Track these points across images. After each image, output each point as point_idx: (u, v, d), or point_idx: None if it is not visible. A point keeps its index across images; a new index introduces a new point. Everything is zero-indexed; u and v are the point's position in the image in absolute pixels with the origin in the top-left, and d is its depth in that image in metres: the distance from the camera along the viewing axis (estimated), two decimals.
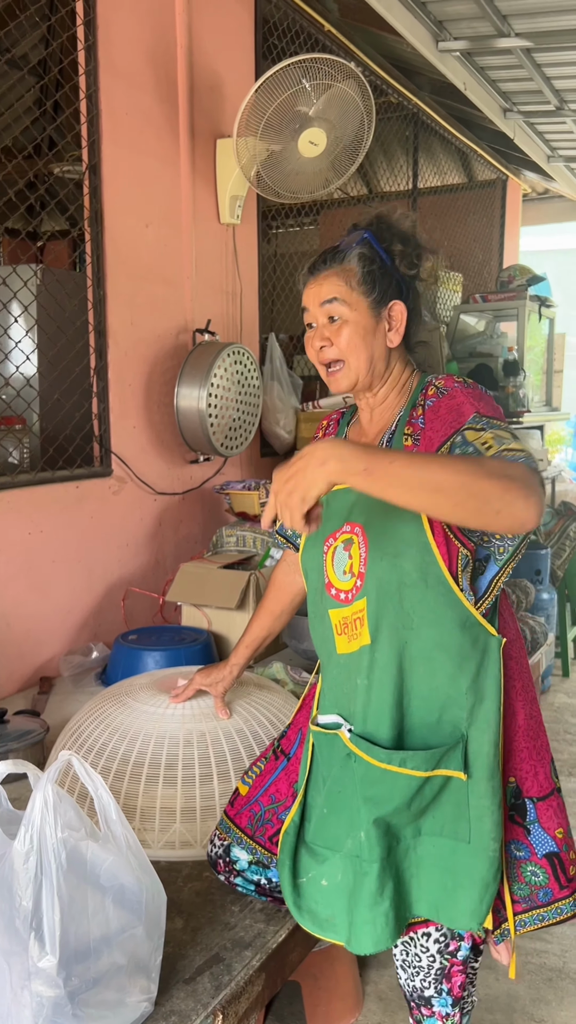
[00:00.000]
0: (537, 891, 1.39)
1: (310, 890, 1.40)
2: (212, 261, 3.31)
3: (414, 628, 1.34)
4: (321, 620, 1.45)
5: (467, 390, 1.37)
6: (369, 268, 1.41)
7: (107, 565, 2.88)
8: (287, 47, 3.66)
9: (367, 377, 1.44)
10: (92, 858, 1.14)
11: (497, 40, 3.82)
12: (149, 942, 1.20)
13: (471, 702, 1.34)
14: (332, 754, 1.41)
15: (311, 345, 1.46)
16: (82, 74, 2.67)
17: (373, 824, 1.32)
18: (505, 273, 5.53)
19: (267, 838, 1.52)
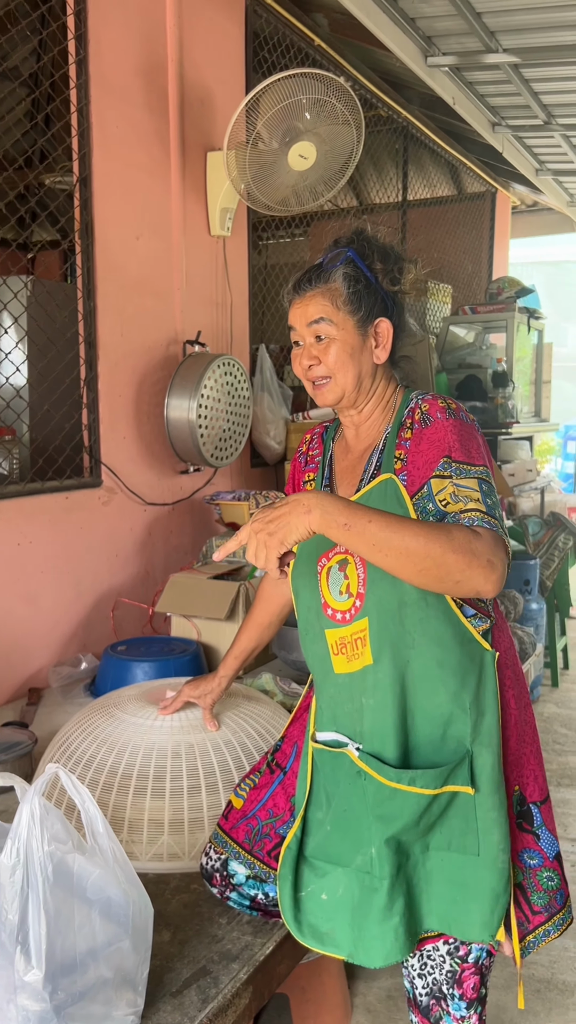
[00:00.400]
0: (554, 895, 1.42)
1: (310, 904, 1.41)
2: (202, 273, 3.33)
3: (416, 647, 1.35)
4: (316, 640, 1.45)
5: (448, 422, 1.36)
6: (355, 288, 1.43)
7: (96, 576, 2.88)
8: (277, 61, 3.69)
9: (354, 393, 1.45)
10: (79, 871, 1.14)
11: (485, 56, 3.86)
12: (136, 955, 1.20)
13: (474, 717, 1.36)
14: (337, 772, 1.41)
15: (298, 363, 1.47)
16: (73, 88, 2.69)
17: (385, 842, 1.33)
18: (494, 285, 5.56)
19: (265, 852, 1.52)
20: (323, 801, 1.45)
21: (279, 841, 1.52)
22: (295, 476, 1.63)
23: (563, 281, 14.16)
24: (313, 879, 1.42)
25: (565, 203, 6.78)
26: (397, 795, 1.33)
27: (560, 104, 4.57)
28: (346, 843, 1.39)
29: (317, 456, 1.58)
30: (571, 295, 14.57)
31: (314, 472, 1.57)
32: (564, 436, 10.89)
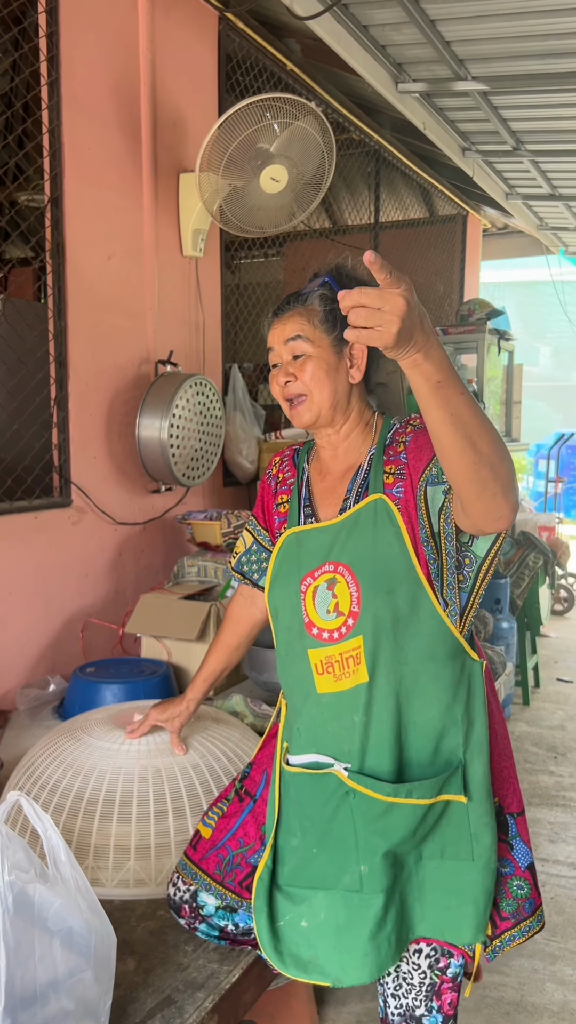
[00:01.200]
0: (523, 903, 1.46)
1: (289, 933, 1.41)
2: (175, 293, 3.34)
3: (409, 663, 1.38)
4: (296, 659, 1.45)
5: None
6: (331, 307, 1.46)
7: (66, 596, 2.86)
8: (250, 84, 3.72)
9: (330, 412, 1.47)
10: (40, 901, 1.12)
11: (455, 83, 3.93)
12: (98, 986, 1.18)
13: (465, 727, 1.40)
14: (318, 794, 1.41)
15: (276, 382, 1.49)
16: (45, 109, 2.69)
17: (383, 857, 1.35)
18: (465, 307, 5.63)
19: (237, 883, 1.51)
20: (295, 827, 1.44)
21: (250, 871, 1.50)
22: (265, 500, 1.63)
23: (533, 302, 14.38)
24: (290, 907, 1.42)
25: (535, 226, 6.89)
26: (393, 809, 1.35)
27: (528, 131, 4.65)
28: (331, 865, 1.39)
29: (290, 479, 1.59)
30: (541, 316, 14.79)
31: (288, 495, 1.57)
32: (535, 455, 11.01)
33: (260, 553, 1.66)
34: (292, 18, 3.20)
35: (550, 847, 3.24)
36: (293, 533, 1.48)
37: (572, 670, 5.54)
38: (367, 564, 1.38)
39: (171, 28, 3.19)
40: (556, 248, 7.78)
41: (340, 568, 1.40)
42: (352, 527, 1.41)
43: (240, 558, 1.69)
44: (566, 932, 2.71)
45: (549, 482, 8.20)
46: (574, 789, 3.76)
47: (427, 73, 3.95)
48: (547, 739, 4.36)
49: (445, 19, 3.36)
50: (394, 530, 1.38)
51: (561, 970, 2.53)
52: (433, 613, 1.38)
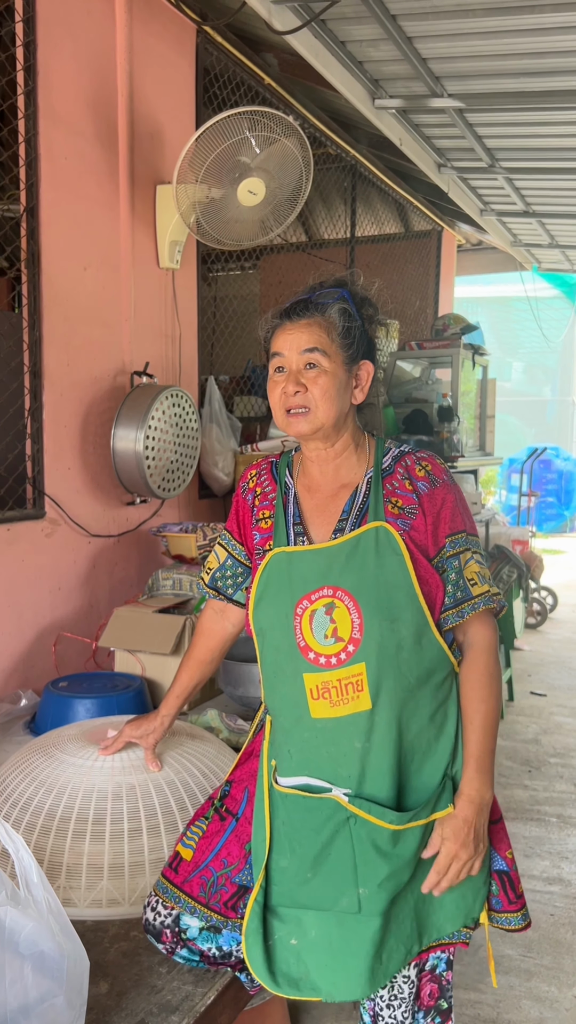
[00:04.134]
0: (490, 899, 1.49)
1: (280, 952, 1.41)
2: (151, 304, 3.32)
3: (410, 688, 1.39)
4: (287, 682, 1.43)
5: (455, 488, 1.47)
6: (349, 324, 1.45)
7: (38, 609, 2.82)
8: (228, 97, 3.73)
9: (329, 429, 1.46)
10: (11, 924, 1.09)
11: (431, 100, 3.96)
12: (70, 1011, 1.16)
13: (454, 742, 1.44)
14: (312, 818, 1.40)
15: (279, 388, 1.45)
16: (21, 118, 2.68)
17: (384, 880, 1.36)
18: (440, 322, 5.67)
19: (222, 904, 1.48)
20: (285, 848, 1.43)
21: (236, 890, 1.48)
22: (242, 514, 1.60)
23: (506, 318, 14.54)
24: (279, 926, 1.42)
25: (508, 243, 6.97)
26: (398, 836, 1.36)
27: (503, 148, 4.70)
28: (327, 888, 1.39)
29: (271, 493, 1.55)
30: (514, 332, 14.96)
31: (271, 510, 1.53)
32: (507, 469, 11.11)
33: (236, 568, 1.64)
34: (270, 33, 3.21)
35: (525, 862, 3.24)
36: (283, 553, 1.46)
37: (546, 683, 5.57)
38: (370, 591, 1.38)
39: (149, 40, 3.19)
40: (529, 264, 7.87)
41: (339, 593, 1.39)
42: (351, 552, 1.40)
43: (214, 574, 1.66)
44: (542, 948, 2.70)
45: (522, 496, 8.27)
46: (548, 803, 3.76)
47: (404, 89, 3.98)
48: (521, 753, 4.37)
49: (422, 37, 3.39)
50: (398, 559, 1.39)
51: (537, 986, 2.53)
52: (434, 641, 1.41)
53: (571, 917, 2.87)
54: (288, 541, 1.47)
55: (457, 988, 2.45)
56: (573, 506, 12.79)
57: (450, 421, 4.79)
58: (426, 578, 1.41)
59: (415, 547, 1.41)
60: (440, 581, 1.43)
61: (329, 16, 3.24)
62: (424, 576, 1.41)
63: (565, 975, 2.57)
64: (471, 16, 3.17)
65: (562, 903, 2.95)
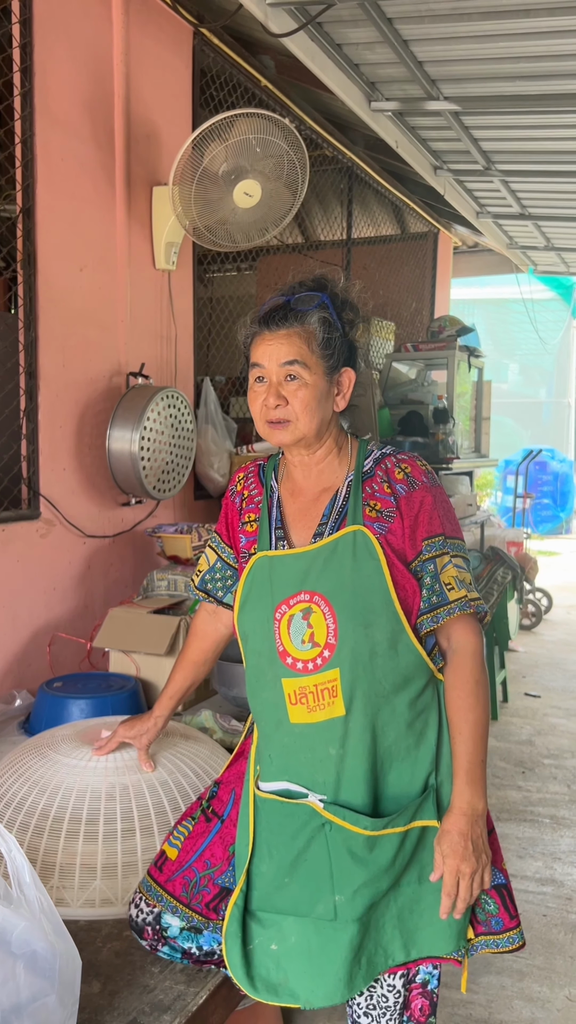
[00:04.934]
0: (490, 919, 1.46)
1: (260, 957, 1.40)
2: (147, 305, 3.33)
3: (385, 695, 1.38)
4: (267, 686, 1.43)
5: (435, 490, 1.43)
6: (329, 335, 1.42)
7: (33, 609, 2.82)
8: (225, 99, 3.74)
9: (311, 438, 1.45)
10: (3, 924, 1.10)
11: (427, 103, 3.97)
12: (62, 1010, 1.16)
13: (436, 752, 1.42)
14: (289, 823, 1.40)
15: (260, 400, 1.44)
16: (17, 119, 2.68)
17: (360, 887, 1.34)
18: (436, 323, 5.68)
19: (204, 904, 1.49)
20: (265, 852, 1.43)
21: (217, 892, 1.49)
22: (230, 517, 1.60)
23: (502, 320, 14.57)
24: (259, 931, 1.41)
25: (504, 245, 6.98)
26: (370, 841, 1.35)
27: (499, 151, 4.71)
28: (303, 894, 1.38)
29: (257, 497, 1.55)
30: (510, 333, 14.98)
31: (255, 514, 1.54)
32: (503, 471, 11.13)
33: (225, 571, 1.63)
34: (267, 35, 3.22)
35: (518, 863, 3.25)
36: (265, 557, 1.45)
37: (540, 685, 5.58)
38: (345, 595, 1.37)
39: (146, 42, 3.20)
40: (525, 267, 7.89)
41: (316, 598, 1.38)
42: (329, 556, 1.40)
43: (204, 576, 1.66)
44: (534, 948, 2.71)
45: (517, 497, 8.29)
46: (542, 804, 3.77)
47: (400, 92, 3.99)
48: (515, 754, 4.38)
49: (418, 40, 3.40)
50: (374, 564, 1.37)
51: (529, 987, 2.53)
52: (411, 647, 1.39)
53: (563, 918, 2.88)
54: (270, 545, 1.47)
55: (449, 988, 2.46)
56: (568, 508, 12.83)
57: (445, 423, 4.80)
58: (403, 583, 1.39)
59: (392, 551, 1.39)
60: (417, 586, 1.41)
61: (325, 19, 3.25)
62: (401, 581, 1.39)
63: (557, 975, 2.58)
64: (467, 20, 3.18)
65: (555, 904, 2.96)
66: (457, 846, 1.36)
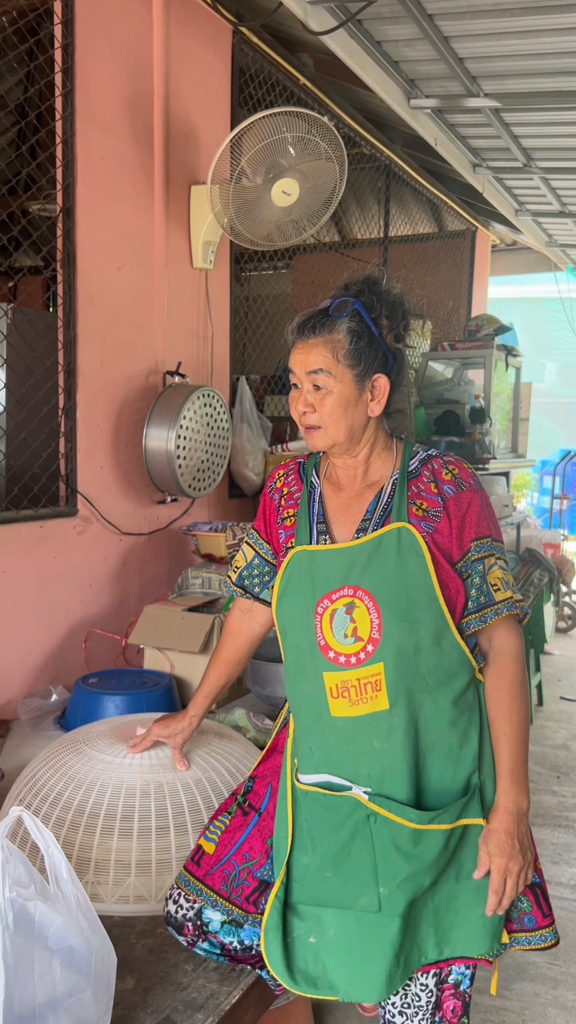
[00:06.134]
0: (523, 916, 1.47)
1: (299, 949, 1.41)
2: (184, 304, 3.34)
3: (429, 691, 1.39)
4: (308, 680, 1.44)
5: (481, 493, 1.46)
6: (356, 344, 1.43)
7: (69, 606, 2.84)
8: (263, 98, 3.74)
9: (345, 443, 1.47)
10: (40, 919, 1.11)
11: (467, 99, 3.94)
12: (97, 1006, 1.17)
13: (478, 750, 1.43)
14: (332, 815, 1.41)
15: (295, 406, 1.48)
16: (58, 119, 2.70)
17: (404, 880, 1.36)
18: (473, 322, 5.63)
19: (244, 898, 1.49)
20: (307, 844, 1.44)
21: (257, 885, 1.49)
22: (268, 513, 1.61)
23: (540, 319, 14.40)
24: (298, 924, 1.42)
25: (543, 243, 6.90)
26: (415, 835, 1.36)
27: (539, 148, 4.66)
28: (347, 886, 1.39)
29: (297, 493, 1.56)
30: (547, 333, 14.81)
31: (295, 509, 1.55)
32: (540, 472, 11.00)
33: (263, 567, 1.65)
34: (306, 33, 3.21)
35: (552, 868, 3.21)
36: (304, 551, 1.46)
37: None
38: (389, 591, 1.38)
39: (185, 41, 3.21)
40: (564, 265, 7.79)
41: (359, 593, 1.39)
42: (373, 552, 1.41)
43: (241, 572, 1.68)
44: (568, 956, 2.67)
45: (554, 499, 8.18)
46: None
47: (439, 89, 3.96)
48: (550, 758, 4.33)
49: (459, 36, 3.37)
50: (419, 561, 1.39)
51: (563, 995, 2.50)
52: (454, 643, 1.41)
53: None
54: (311, 540, 1.48)
55: (481, 993, 2.43)
56: None
57: (482, 423, 4.76)
58: (447, 582, 1.41)
59: (437, 550, 1.41)
60: (461, 585, 1.43)
61: (365, 16, 3.24)
62: (445, 580, 1.41)
63: None
64: (508, 15, 3.15)
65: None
66: (505, 845, 1.38)
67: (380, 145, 5.02)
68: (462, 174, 5.06)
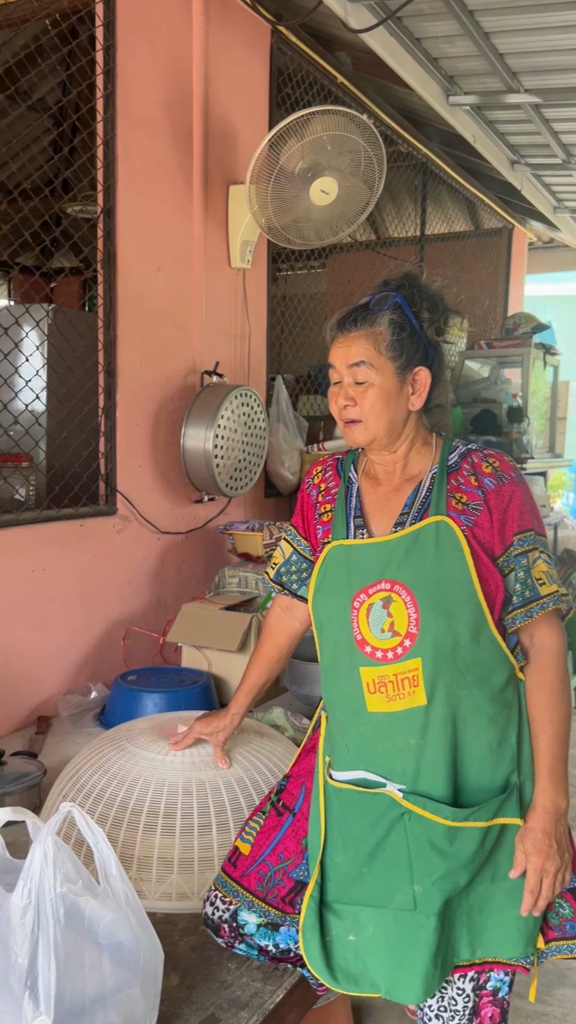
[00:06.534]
0: (565, 923, 1.44)
1: (338, 948, 1.40)
2: (222, 304, 3.35)
3: (468, 687, 1.38)
4: (345, 675, 1.43)
5: (523, 486, 1.44)
6: (399, 336, 1.43)
7: (108, 604, 2.87)
8: (301, 97, 3.74)
9: (385, 438, 1.46)
10: (90, 914, 1.12)
11: (506, 95, 3.91)
12: (145, 1002, 1.17)
13: (517, 749, 1.41)
14: (366, 813, 1.40)
15: (335, 401, 1.48)
16: (100, 121, 2.72)
17: (439, 879, 1.35)
18: (510, 320, 5.58)
19: (280, 899, 1.49)
20: (339, 844, 1.43)
21: (293, 886, 1.49)
22: (306, 510, 1.61)
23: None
24: (336, 922, 1.41)
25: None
26: (450, 833, 1.35)
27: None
28: (382, 884, 1.38)
29: (334, 489, 1.56)
30: None
31: (332, 504, 1.54)
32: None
33: (300, 563, 1.65)
34: (344, 31, 3.20)
35: None
36: (340, 546, 1.46)
37: None
38: (427, 585, 1.37)
39: (225, 41, 3.22)
40: None
41: (397, 587, 1.38)
42: (411, 546, 1.39)
43: (279, 568, 1.68)
44: None
45: None
46: None
47: (479, 86, 3.93)
48: None
49: (500, 32, 3.35)
50: (457, 555, 1.37)
51: None
52: (492, 639, 1.39)
53: None
54: (347, 534, 1.48)
55: (520, 998, 2.41)
56: None
57: (520, 422, 4.72)
58: (486, 576, 1.39)
59: (477, 544, 1.39)
60: (501, 581, 1.41)
61: (405, 13, 3.22)
62: (484, 575, 1.39)
63: None
64: (550, 10, 3.12)
65: None
66: (542, 844, 1.36)
67: (417, 143, 5.00)
68: (500, 171, 5.02)
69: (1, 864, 1.25)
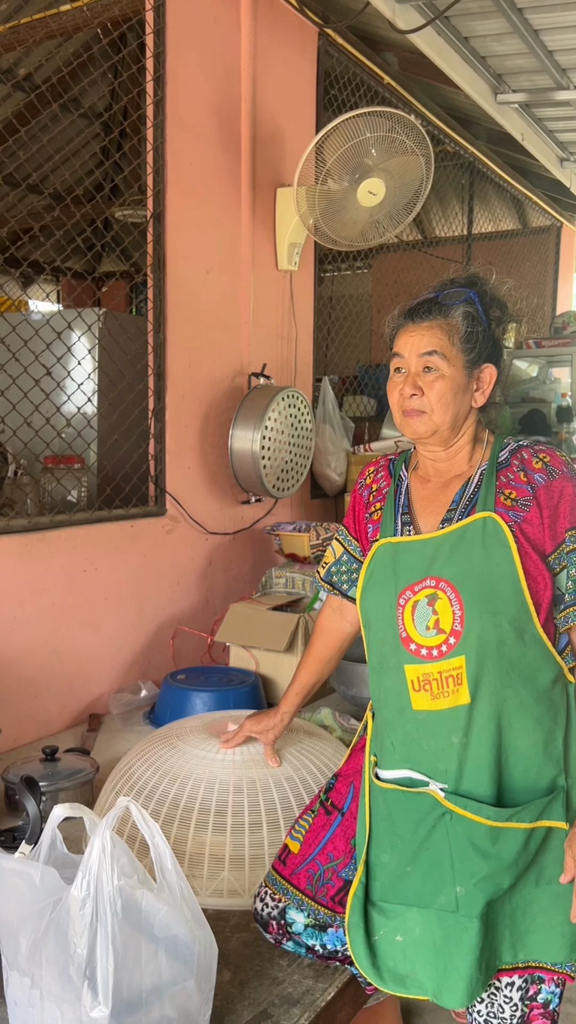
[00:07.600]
0: None
1: (385, 948, 1.40)
2: (269, 306, 3.37)
3: (512, 686, 1.36)
4: (391, 674, 1.43)
5: (574, 481, 1.40)
6: (473, 328, 1.42)
7: (158, 603, 2.90)
8: (348, 99, 3.74)
9: (447, 431, 1.44)
10: (147, 907, 1.13)
11: (556, 92, 3.87)
12: (199, 995, 1.19)
13: (564, 751, 1.38)
14: (411, 812, 1.39)
15: (397, 390, 1.46)
16: (150, 127, 2.76)
17: (481, 880, 1.33)
18: (559, 319, 5.52)
19: (329, 898, 1.50)
20: (386, 843, 1.43)
21: (341, 885, 1.49)
22: (357, 510, 1.61)
23: None
24: (384, 922, 1.41)
25: None
26: (492, 834, 1.33)
27: None
28: (427, 883, 1.38)
29: (385, 488, 1.56)
30: None
31: (382, 503, 1.54)
32: None
33: (351, 563, 1.65)
34: (391, 32, 3.20)
35: None
36: (388, 543, 1.46)
37: None
38: (472, 582, 1.35)
39: (272, 45, 3.24)
40: None
41: (442, 584, 1.37)
42: (457, 542, 1.38)
43: (329, 568, 1.68)
44: None
45: None
46: None
47: (528, 83, 3.90)
48: None
49: (549, 28, 3.31)
50: (504, 551, 1.35)
51: None
52: (537, 638, 1.36)
53: None
54: (395, 531, 1.47)
55: (573, 1003, 2.38)
56: None
57: (569, 422, 4.66)
58: (534, 574, 1.36)
59: (526, 541, 1.36)
60: (550, 579, 1.38)
61: (453, 12, 3.21)
62: (532, 572, 1.36)
63: None
64: None
65: None
66: None
67: (464, 142, 4.97)
68: (549, 169, 4.97)
69: (60, 858, 1.28)
